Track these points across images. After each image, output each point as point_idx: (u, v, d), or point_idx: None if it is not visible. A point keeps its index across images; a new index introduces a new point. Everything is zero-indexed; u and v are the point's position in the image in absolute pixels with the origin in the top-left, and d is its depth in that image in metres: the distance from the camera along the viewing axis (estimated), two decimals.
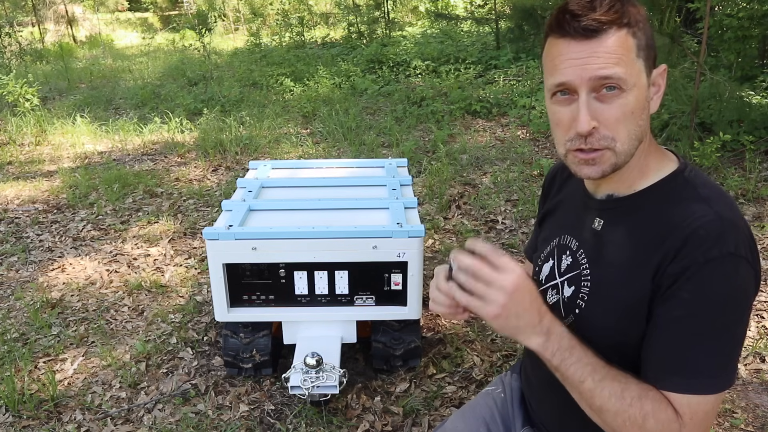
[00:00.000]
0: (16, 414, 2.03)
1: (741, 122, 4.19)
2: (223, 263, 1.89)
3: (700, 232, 0.83)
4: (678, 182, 0.91)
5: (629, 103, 0.85)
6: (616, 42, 0.83)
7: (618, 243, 0.93)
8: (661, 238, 0.86)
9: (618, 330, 0.92)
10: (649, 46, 0.87)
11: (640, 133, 0.89)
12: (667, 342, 0.85)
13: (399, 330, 2.07)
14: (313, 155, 4.69)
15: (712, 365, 0.83)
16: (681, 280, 0.83)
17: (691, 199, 0.87)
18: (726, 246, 0.82)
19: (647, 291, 0.87)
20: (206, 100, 6.53)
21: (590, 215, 1.00)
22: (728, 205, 0.87)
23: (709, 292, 0.82)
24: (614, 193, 0.96)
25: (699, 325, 0.83)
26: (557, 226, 1.10)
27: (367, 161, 2.71)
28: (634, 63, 0.85)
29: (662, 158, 0.95)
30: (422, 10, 12.62)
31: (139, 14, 20.08)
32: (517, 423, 1.20)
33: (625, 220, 0.94)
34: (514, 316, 0.83)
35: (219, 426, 1.94)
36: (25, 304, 2.73)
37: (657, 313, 0.86)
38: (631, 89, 0.85)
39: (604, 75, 0.83)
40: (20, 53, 10.25)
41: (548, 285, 1.07)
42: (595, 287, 0.95)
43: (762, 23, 4.39)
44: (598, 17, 0.83)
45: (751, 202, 3.43)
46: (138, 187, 4.12)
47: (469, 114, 5.64)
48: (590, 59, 0.83)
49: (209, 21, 13.40)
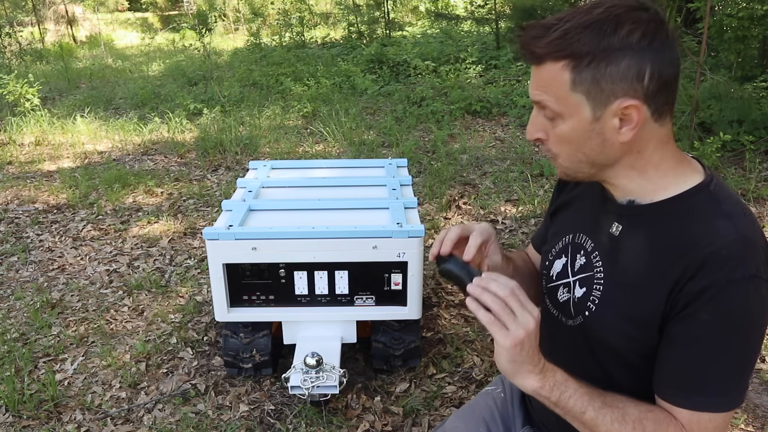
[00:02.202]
0: (16, 414, 2.03)
1: (741, 122, 4.19)
2: (223, 263, 1.89)
3: (722, 252, 0.82)
4: (702, 195, 0.89)
5: (564, 132, 0.88)
6: (548, 74, 0.86)
7: (636, 251, 0.93)
8: (681, 252, 0.86)
9: (627, 336, 0.92)
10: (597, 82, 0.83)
11: (587, 158, 0.90)
12: (684, 360, 0.85)
13: (399, 330, 2.07)
14: (313, 155, 4.69)
15: (725, 384, 0.84)
16: (701, 300, 0.82)
17: (714, 215, 0.86)
18: (748, 268, 0.81)
19: (662, 304, 0.87)
20: (206, 100, 6.53)
21: (609, 218, 0.98)
22: (750, 223, 0.86)
23: (729, 314, 0.82)
24: (636, 199, 0.94)
25: (718, 346, 0.83)
26: (572, 223, 1.09)
27: (367, 161, 2.71)
28: (567, 96, 0.85)
29: (685, 169, 0.92)
30: (422, 10, 12.63)
31: (139, 14, 20.09)
32: (517, 423, 1.20)
33: (645, 228, 0.92)
34: (526, 350, 0.87)
35: (219, 426, 1.94)
36: (25, 304, 2.73)
37: (675, 330, 0.86)
38: (565, 119, 0.87)
39: (534, 100, 0.89)
40: (20, 53, 10.25)
41: (560, 282, 1.06)
42: (608, 292, 0.95)
43: (762, 23, 4.39)
44: (534, 49, 0.85)
45: (751, 202, 3.43)
46: (138, 187, 4.12)
47: (469, 114, 5.64)
48: (532, 82, 0.89)
49: (209, 21, 13.39)
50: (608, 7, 0.82)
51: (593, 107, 0.86)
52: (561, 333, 1.03)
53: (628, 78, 0.82)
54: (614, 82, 0.83)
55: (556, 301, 1.06)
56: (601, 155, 0.90)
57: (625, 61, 0.81)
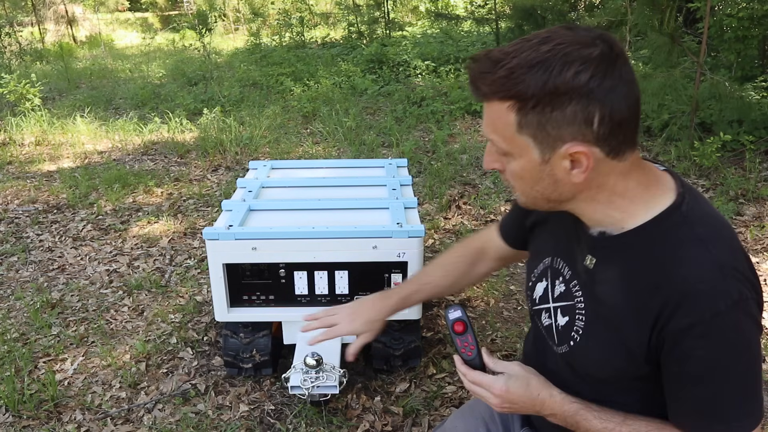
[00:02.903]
0: (16, 414, 2.03)
1: (741, 122, 4.19)
2: (223, 263, 1.89)
3: (701, 287, 0.79)
4: (673, 220, 0.85)
5: (515, 170, 0.87)
6: (495, 114, 0.83)
7: (612, 284, 0.90)
8: (656, 286, 0.83)
9: (613, 366, 0.91)
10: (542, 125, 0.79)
11: (541, 195, 0.88)
12: (694, 397, 0.85)
13: (399, 330, 2.07)
14: (313, 155, 4.69)
15: (742, 408, 0.84)
16: (690, 338, 0.81)
17: (687, 241, 0.83)
18: (730, 296, 0.79)
19: (645, 338, 0.85)
20: (206, 100, 6.53)
21: (582, 250, 0.96)
22: (726, 244, 0.83)
23: (723, 346, 0.81)
24: (606, 229, 0.90)
25: (723, 377, 0.83)
26: (550, 246, 1.07)
27: (367, 161, 2.71)
28: (513, 137, 0.83)
29: (654, 193, 0.87)
30: (422, 10, 12.62)
31: (139, 14, 20.08)
32: (516, 423, 1.20)
33: (618, 260, 0.89)
34: (515, 405, 0.99)
35: (219, 426, 1.94)
36: (25, 304, 2.73)
37: (675, 370, 0.85)
38: (515, 158, 0.85)
39: (487, 136, 0.88)
40: (20, 53, 10.25)
41: (542, 306, 1.06)
42: (591, 323, 0.94)
43: (762, 23, 4.39)
44: (480, 86, 0.82)
45: (751, 202, 3.43)
46: (138, 187, 4.12)
47: (469, 114, 5.64)
48: (484, 117, 0.87)
49: (209, 21, 13.39)
50: (557, 44, 0.77)
51: (541, 150, 0.82)
52: (550, 354, 1.04)
53: (576, 123, 0.78)
54: (560, 127, 0.79)
55: (542, 324, 1.06)
56: (555, 193, 0.87)
57: (572, 106, 0.77)
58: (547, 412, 0.97)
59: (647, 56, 4.94)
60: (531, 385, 0.97)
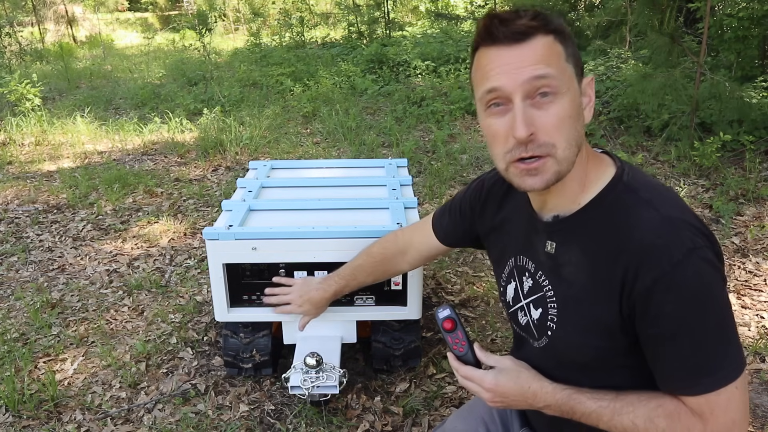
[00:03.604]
0: (16, 414, 2.03)
1: (741, 122, 4.19)
2: (223, 263, 1.89)
3: (657, 241, 0.83)
4: (618, 190, 0.90)
5: (565, 108, 0.85)
6: (544, 46, 0.85)
7: (575, 263, 0.93)
8: (615, 251, 0.86)
9: (593, 346, 0.92)
10: (576, 56, 0.89)
11: (578, 139, 0.89)
12: (675, 354, 0.85)
13: (399, 330, 2.07)
14: (313, 155, 4.69)
15: (724, 355, 0.84)
16: (657, 294, 0.83)
17: (635, 205, 0.87)
18: (684, 244, 0.82)
19: (616, 307, 0.87)
20: (206, 100, 6.53)
21: (541, 238, 0.99)
22: (671, 202, 0.87)
23: (689, 295, 0.82)
24: (559, 213, 0.95)
25: (698, 327, 0.83)
26: (510, 247, 1.09)
27: (367, 161, 2.71)
28: (564, 68, 0.86)
29: (599, 165, 0.94)
30: (422, 10, 12.62)
31: (139, 14, 20.08)
32: (516, 423, 1.21)
33: (575, 239, 0.93)
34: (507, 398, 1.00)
35: (219, 426, 1.94)
36: (25, 304, 2.73)
37: (651, 333, 0.86)
38: (564, 93, 0.85)
39: (538, 75, 0.83)
40: (20, 53, 10.25)
41: (516, 307, 1.07)
42: (563, 308, 0.96)
43: (762, 23, 4.40)
44: (525, 22, 0.84)
45: (751, 202, 3.43)
46: (138, 187, 4.12)
47: (469, 114, 5.64)
48: (522, 62, 0.84)
49: (209, 21, 13.39)
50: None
51: (578, 80, 0.89)
52: (533, 353, 1.04)
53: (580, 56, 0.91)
54: (581, 59, 0.91)
55: (520, 325, 1.08)
56: (583, 136, 0.90)
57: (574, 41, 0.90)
58: (540, 404, 0.97)
59: (647, 56, 4.94)
60: (521, 378, 0.98)
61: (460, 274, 2.84)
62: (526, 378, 0.98)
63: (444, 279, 2.79)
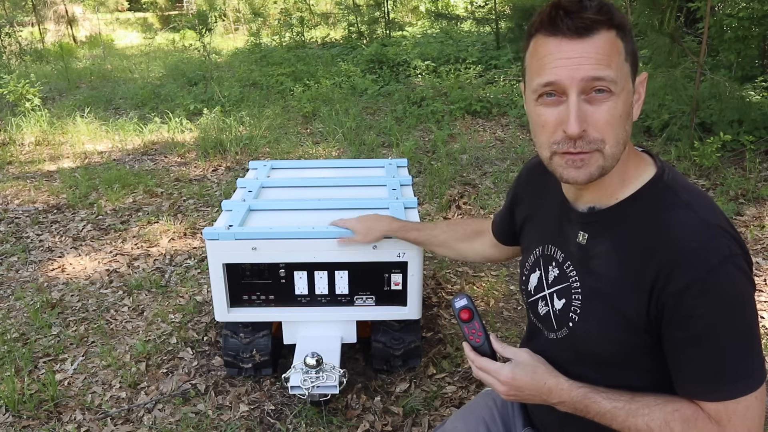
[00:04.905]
0: (16, 414, 2.03)
1: (741, 122, 4.19)
2: (223, 263, 1.89)
3: (693, 245, 0.83)
4: (658, 189, 0.90)
5: (618, 107, 0.84)
6: (607, 43, 0.82)
7: (606, 257, 0.92)
8: (650, 250, 0.86)
9: (615, 341, 0.91)
10: (634, 53, 0.87)
11: (626, 137, 0.88)
12: (700, 358, 0.85)
13: (399, 330, 2.07)
14: (313, 155, 4.69)
15: (747, 365, 0.84)
16: (689, 297, 0.82)
17: (673, 206, 0.87)
18: (721, 251, 0.82)
19: (644, 306, 0.87)
20: (206, 100, 6.53)
21: (573, 228, 0.98)
22: (709, 207, 0.87)
23: (721, 301, 0.82)
24: (596, 205, 0.94)
25: (725, 334, 0.83)
26: (539, 236, 1.08)
27: (367, 161, 2.70)
28: (622, 66, 0.85)
29: (640, 164, 0.93)
30: (422, 10, 12.62)
31: (139, 14, 20.08)
32: (518, 423, 1.20)
33: (609, 233, 0.92)
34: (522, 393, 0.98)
35: (219, 426, 1.94)
36: (25, 304, 2.73)
37: (678, 335, 0.85)
38: (620, 93, 0.84)
39: (597, 76, 0.82)
40: (20, 53, 10.25)
41: (538, 296, 1.06)
42: (588, 301, 0.95)
43: (762, 23, 4.40)
44: (590, 15, 0.82)
45: (751, 202, 3.43)
46: (138, 187, 4.12)
47: (469, 114, 5.64)
48: (582, 59, 0.82)
49: (209, 21, 13.39)
50: None
51: (633, 78, 0.88)
52: (549, 345, 1.04)
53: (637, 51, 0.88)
54: (638, 55, 0.87)
55: (538, 315, 1.07)
56: (628, 136, 0.89)
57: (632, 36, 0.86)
58: (555, 401, 0.96)
59: (647, 56, 4.94)
60: (538, 373, 0.97)
61: (460, 274, 2.84)
62: (542, 373, 0.97)
63: (444, 279, 2.79)
